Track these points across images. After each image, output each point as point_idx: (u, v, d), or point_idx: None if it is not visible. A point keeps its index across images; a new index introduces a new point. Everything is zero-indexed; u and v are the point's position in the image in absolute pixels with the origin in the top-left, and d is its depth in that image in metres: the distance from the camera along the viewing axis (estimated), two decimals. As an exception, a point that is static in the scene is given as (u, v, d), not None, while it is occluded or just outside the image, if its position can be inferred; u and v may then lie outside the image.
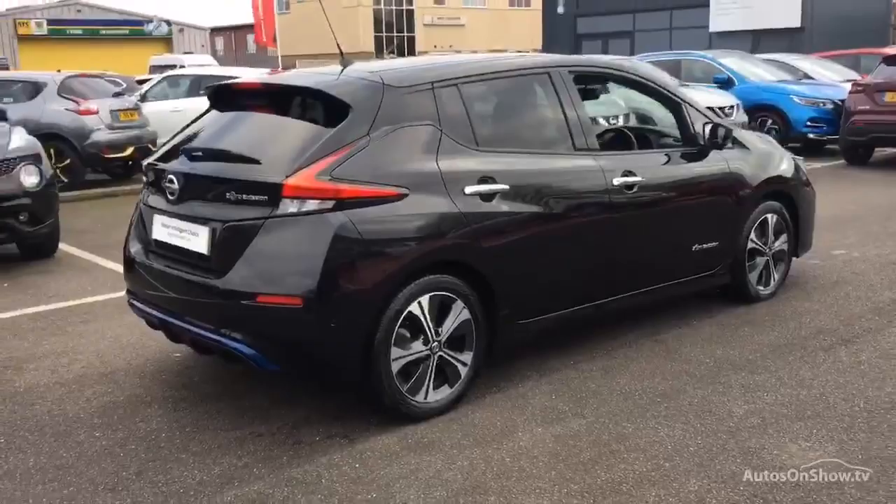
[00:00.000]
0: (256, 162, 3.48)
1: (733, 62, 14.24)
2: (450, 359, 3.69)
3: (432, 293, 3.57)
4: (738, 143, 5.08)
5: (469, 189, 3.67)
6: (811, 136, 12.88)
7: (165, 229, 3.77)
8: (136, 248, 3.98)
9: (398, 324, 3.47)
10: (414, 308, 3.51)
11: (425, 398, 3.62)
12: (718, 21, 27.81)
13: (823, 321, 4.90)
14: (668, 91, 4.80)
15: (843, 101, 12.12)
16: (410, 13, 57.99)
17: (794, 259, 5.64)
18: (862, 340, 4.56)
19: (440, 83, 3.80)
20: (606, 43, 29.49)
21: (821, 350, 4.43)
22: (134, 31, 48.31)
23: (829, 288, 5.58)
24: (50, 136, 10.31)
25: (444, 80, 3.82)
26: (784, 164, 5.39)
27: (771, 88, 13.33)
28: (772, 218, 5.25)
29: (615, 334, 4.69)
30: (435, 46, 57.00)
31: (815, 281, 5.76)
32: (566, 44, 29.55)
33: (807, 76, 14.73)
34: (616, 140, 5.18)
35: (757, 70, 14.21)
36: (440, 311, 3.63)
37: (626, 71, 4.68)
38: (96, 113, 11.05)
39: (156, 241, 3.83)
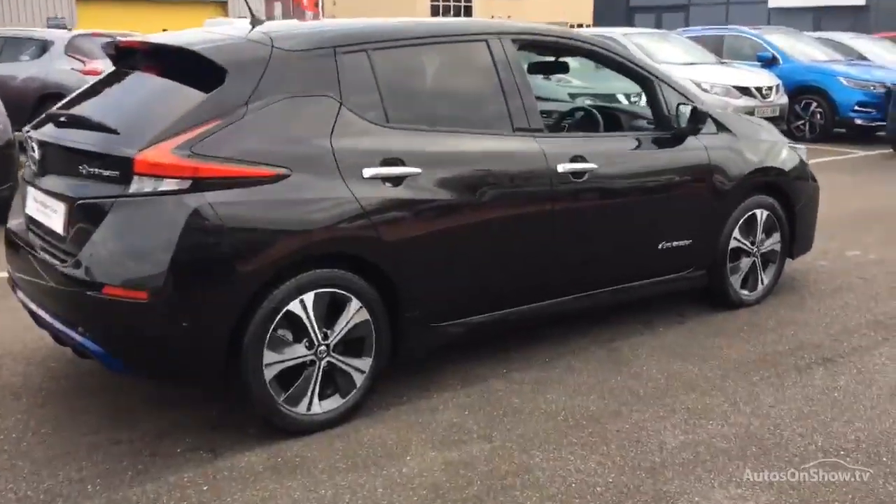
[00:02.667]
0: (115, 132, 3.04)
1: (779, 39, 13.33)
2: (342, 365, 3.24)
3: (319, 290, 3.12)
4: (723, 129, 4.47)
5: (369, 172, 3.19)
6: (858, 121, 11.98)
7: (35, 204, 3.38)
8: (14, 224, 3.60)
9: (273, 324, 3.03)
10: (295, 307, 3.06)
11: (308, 409, 3.18)
12: (779, -4, 26.48)
13: (809, 335, 4.30)
14: (637, 66, 4.21)
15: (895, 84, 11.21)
16: (469, -19, 57.07)
17: (794, 260, 5.02)
18: (845, 360, 3.96)
19: (345, 48, 3.30)
20: (660, 16, 28.35)
21: (794, 370, 3.85)
22: (188, -7, 48.30)
23: (828, 295, 4.95)
24: (55, 96, 10.09)
25: (351, 45, 3.33)
26: (780, 154, 4.77)
27: (817, 69, 12.42)
28: (761, 214, 4.64)
29: (566, 339, 4.17)
30: (493, 16, 55.95)
31: (813, 286, 5.13)
32: (619, 17, 28.52)
33: (862, 57, 13.75)
34: (581, 122, 4.62)
35: (805, 49, 13.29)
36: (331, 310, 3.17)
37: (583, 41, 4.10)
38: (100, 73, 10.78)
39: (28, 216, 3.45)
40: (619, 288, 4.15)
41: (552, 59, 4.71)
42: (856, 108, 11.93)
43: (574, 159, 3.78)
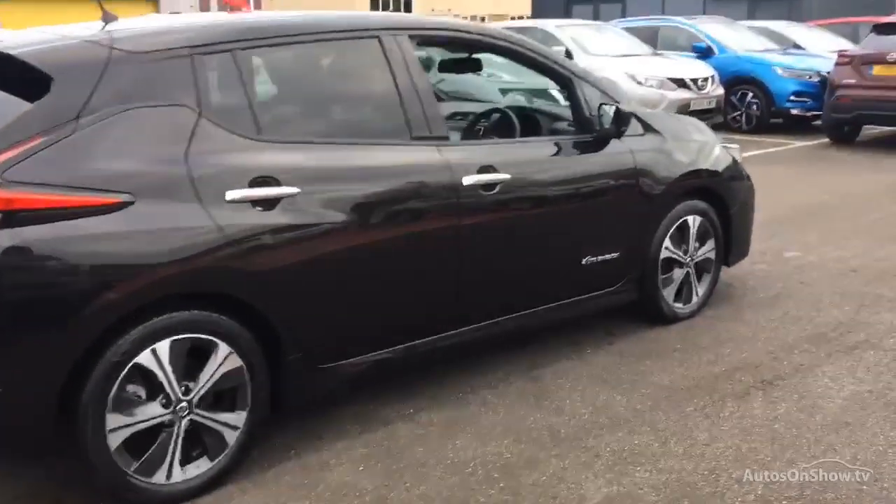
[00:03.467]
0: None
1: (714, 29, 13.12)
2: (209, 422, 2.75)
3: (177, 337, 2.63)
4: (650, 129, 4.08)
5: (233, 194, 2.70)
6: (794, 111, 11.79)
7: None
8: None
9: (118, 381, 2.53)
10: (145, 358, 2.57)
11: (168, 478, 2.68)
12: (715, -14, 26.42)
13: (747, 352, 3.94)
14: (553, 62, 3.79)
15: (830, 73, 11.04)
16: (408, -25, 56.40)
17: (733, 265, 4.68)
18: (786, 383, 3.60)
19: (205, 48, 2.81)
20: (598, 8, 28.14)
21: (731, 397, 3.48)
22: (119, -11, 46.87)
23: (767, 304, 4.61)
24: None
25: (212, 44, 2.83)
26: (712, 154, 4.40)
27: (752, 59, 12.21)
28: (694, 221, 4.27)
29: (482, 369, 3.74)
30: (433, 10, 55.37)
31: (752, 294, 4.79)
32: (556, 8, 28.23)
33: (797, 46, 13.61)
34: (496, 126, 4.19)
35: (740, 38, 13.08)
36: (193, 359, 2.69)
37: (491, 36, 3.65)
38: None
39: None
40: (539, 310, 3.74)
41: (465, 56, 4.27)
42: (792, 97, 11.75)
43: (483, 170, 3.35)
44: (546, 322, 3.86)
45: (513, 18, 28.06)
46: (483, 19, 29.14)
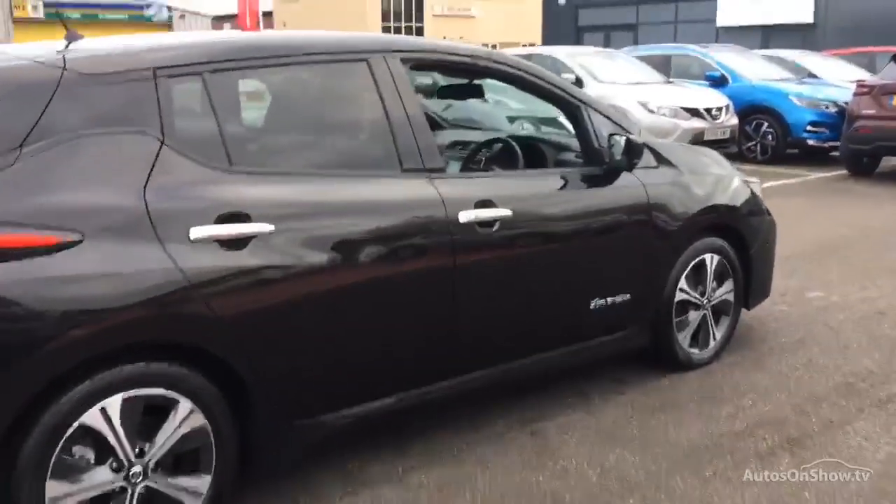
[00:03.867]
0: None
1: (728, 58, 12.87)
2: (167, 489, 2.44)
3: (130, 392, 2.33)
4: (664, 161, 3.79)
5: (198, 232, 2.41)
6: (811, 142, 11.50)
7: None
8: None
9: (61, 443, 2.23)
10: (91, 418, 2.27)
11: (118, 552, 2.37)
12: (726, 15, 26.27)
13: (771, 406, 3.60)
14: (560, 89, 3.50)
15: (848, 103, 10.74)
16: (420, 2, 56.49)
17: (753, 308, 4.35)
18: (815, 443, 3.26)
19: (171, 69, 2.53)
20: (608, 36, 28.05)
21: (755, 458, 3.14)
22: (133, 15, 47.21)
23: (790, 350, 4.27)
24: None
25: (179, 65, 2.56)
26: (730, 188, 4.09)
27: (767, 88, 11.94)
28: (712, 259, 3.96)
29: (480, 422, 3.42)
30: (444, 37, 55.51)
31: (773, 338, 4.46)
32: (567, 36, 28.16)
33: (812, 75, 13.34)
34: (498, 156, 3.90)
35: (755, 67, 12.82)
36: (150, 417, 2.39)
37: (493, 61, 3.36)
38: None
39: None
40: (543, 357, 3.42)
41: (466, 81, 3.99)
42: (808, 128, 11.46)
43: (481, 205, 3.05)
44: (551, 370, 3.55)
45: (524, 46, 27.95)
46: (494, 47, 29.18)
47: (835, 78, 13.06)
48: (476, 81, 3.95)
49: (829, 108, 11.43)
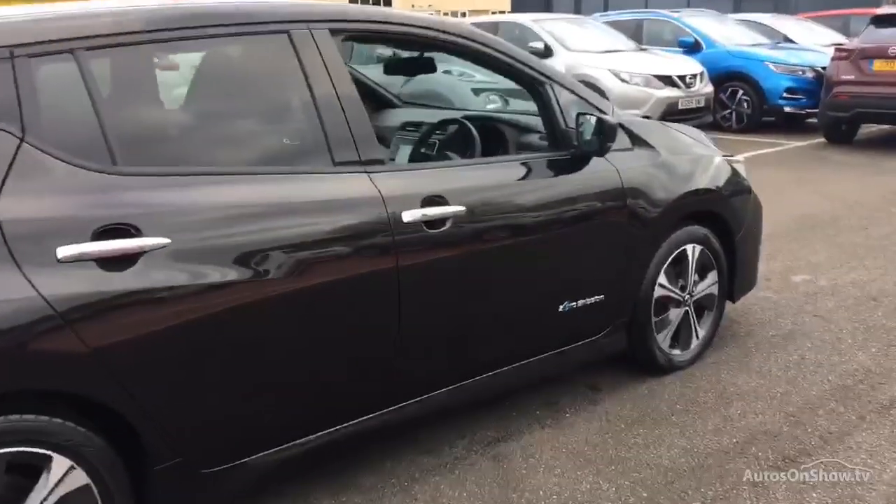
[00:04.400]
0: None
1: (701, 23, 12.40)
2: (46, 564, 2.00)
3: (-11, 453, 1.87)
4: (640, 142, 3.36)
5: (68, 251, 1.94)
6: (788, 109, 11.11)
7: None
8: None
9: None
10: (-63, 488, 1.81)
11: None
12: (699, -21, 25.77)
13: (762, 415, 3.22)
14: (520, 62, 3.03)
15: (825, 68, 10.37)
16: (387, -29, 55.40)
17: (738, 300, 3.96)
18: (814, 462, 2.88)
19: (35, 48, 2.05)
20: (579, 2, 27.48)
21: (748, 484, 2.76)
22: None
23: (779, 346, 3.89)
24: None
25: (45, 42, 2.07)
26: (712, 168, 3.67)
27: (742, 54, 11.51)
28: (693, 250, 3.55)
29: (436, 441, 3.02)
30: (412, 6, 54.29)
31: (759, 331, 4.07)
32: (537, 3, 27.53)
33: (787, 39, 12.94)
34: (453, 140, 3.44)
35: (728, 32, 12.37)
36: (16, 479, 1.93)
37: (438, 30, 2.87)
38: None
39: None
40: (505, 370, 3.00)
41: (416, 54, 3.52)
42: (785, 94, 11.06)
43: (429, 202, 2.60)
44: (514, 384, 3.13)
45: (492, 14, 27.35)
46: (463, 15, 28.40)
47: (810, 42, 12.67)
48: (428, 55, 3.48)
49: (806, 74, 11.05)
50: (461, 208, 2.66)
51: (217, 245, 2.18)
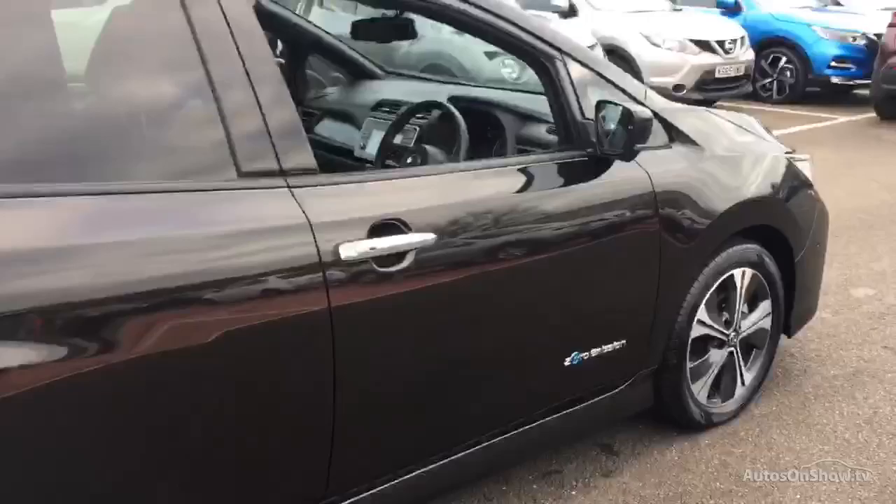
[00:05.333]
0: None
1: (743, -19, 11.36)
2: None
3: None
4: (680, 137, 2.55)
5: None
6: (835, 79, 10.14)
7: None
8: None
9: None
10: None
11: None
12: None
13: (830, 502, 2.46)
14: (523, 30, 2.21)
15: (879, 35, 9.38)
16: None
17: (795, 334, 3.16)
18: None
19: None
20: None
21: None
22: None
23: (844, 392, 3.11)
24: None
25: None
26: (771, 171, 2.84)
27: (787, 17, 10.50)
28: (743, 276, 2.75)
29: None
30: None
31: (818, 369, 3.29)
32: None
33: (837, 2, 11.90)
34: (435, 130, 2.65)
35: (773, -8, 11.34)
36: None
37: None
38: None
39: None
40: (489, 445, 2.24)
41: (391, 14, 2.73)
42: (832, 63, 10.10)
43: (379, 230, 1.82)
44: (504, 461, 2.38)
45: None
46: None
47: (862, 6, 11.60)
48: (407, 15, 2.69)
49: (857, 41, 10.08)
50: (428, 237, 1.89)
51: (31, 296, 1.42)
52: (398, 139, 2.79)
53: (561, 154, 2.30)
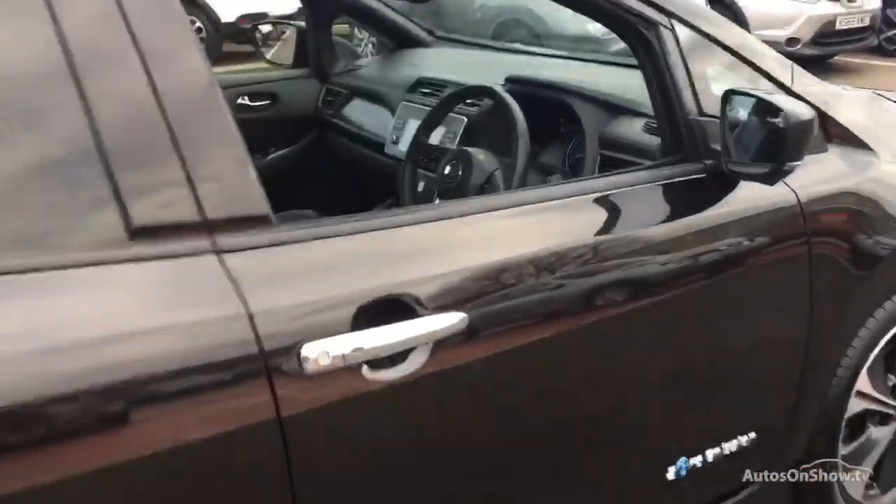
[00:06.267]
0: None
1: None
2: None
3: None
4: (840, 136, 1.75)
5: None
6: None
7: None
8: None
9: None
10: None
11: None
12: None
13: None
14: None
15: None
16: None
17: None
18: None
19: None
20: None
21: None
22: None
23: None
24: None
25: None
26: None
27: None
28: (921, 327, 1.95)
29: None
30: None
31: None
32: None
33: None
34: (483, 130, 1.92)
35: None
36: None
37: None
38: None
39: None
40: None
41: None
42: None
43: (370, 312, 1.11)
44: None
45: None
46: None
47: None
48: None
49: None
50: (455, 318, 1.17)
51: None
52: (436, 137, 2.06)
53: (664, 171, 1.54)
